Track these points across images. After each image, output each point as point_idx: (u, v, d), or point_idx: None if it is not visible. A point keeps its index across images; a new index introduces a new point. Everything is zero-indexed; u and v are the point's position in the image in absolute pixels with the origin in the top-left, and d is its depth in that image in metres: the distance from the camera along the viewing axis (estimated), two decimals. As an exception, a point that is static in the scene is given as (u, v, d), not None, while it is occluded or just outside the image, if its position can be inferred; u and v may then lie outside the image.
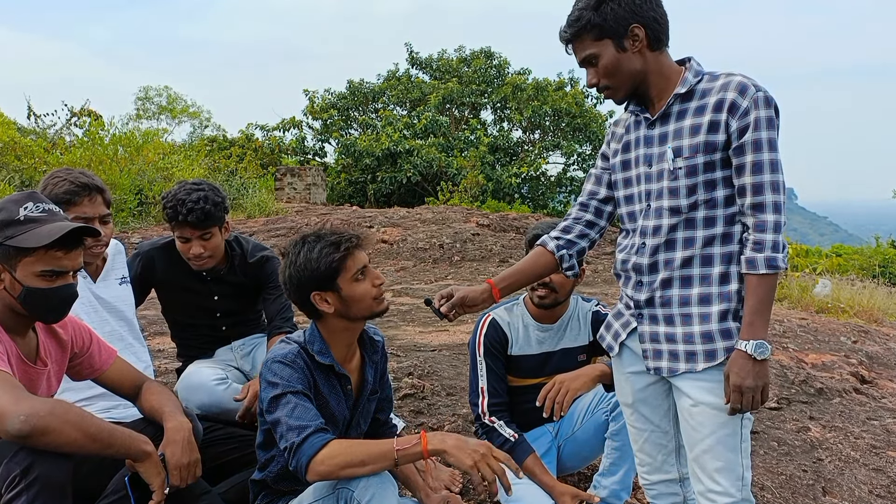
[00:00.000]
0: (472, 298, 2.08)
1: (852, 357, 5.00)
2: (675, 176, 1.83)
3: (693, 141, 1.81)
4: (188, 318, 2.96)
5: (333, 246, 1.99)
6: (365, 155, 19.42)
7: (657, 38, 1.83)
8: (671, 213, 1.86)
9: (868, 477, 3.23)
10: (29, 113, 14.78)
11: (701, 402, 1.84)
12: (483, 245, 10.12)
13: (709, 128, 1.78)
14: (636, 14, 1.79)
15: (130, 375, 2.17)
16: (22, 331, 1.89)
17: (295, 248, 2.03)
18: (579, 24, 1.82)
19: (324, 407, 2.03)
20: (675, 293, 1.88)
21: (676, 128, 1.85)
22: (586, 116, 21.50)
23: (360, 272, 2.02)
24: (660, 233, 1.88)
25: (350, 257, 2.00)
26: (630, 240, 1.98)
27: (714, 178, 1.81)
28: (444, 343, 4.83)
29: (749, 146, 1.74)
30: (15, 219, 1.79)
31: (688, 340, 1.86)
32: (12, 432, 1.60)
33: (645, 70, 1.84)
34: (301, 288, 2.01)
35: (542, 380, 2.64)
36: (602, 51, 1.82)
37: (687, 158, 1.81)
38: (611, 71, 1.84)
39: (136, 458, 1.84)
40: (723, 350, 1.82)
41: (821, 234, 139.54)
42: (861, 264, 14.79)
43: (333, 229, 2.05)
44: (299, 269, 1.99)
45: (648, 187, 1.91)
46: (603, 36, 1.81)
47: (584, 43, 1.85)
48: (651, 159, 1.90)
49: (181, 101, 31.80)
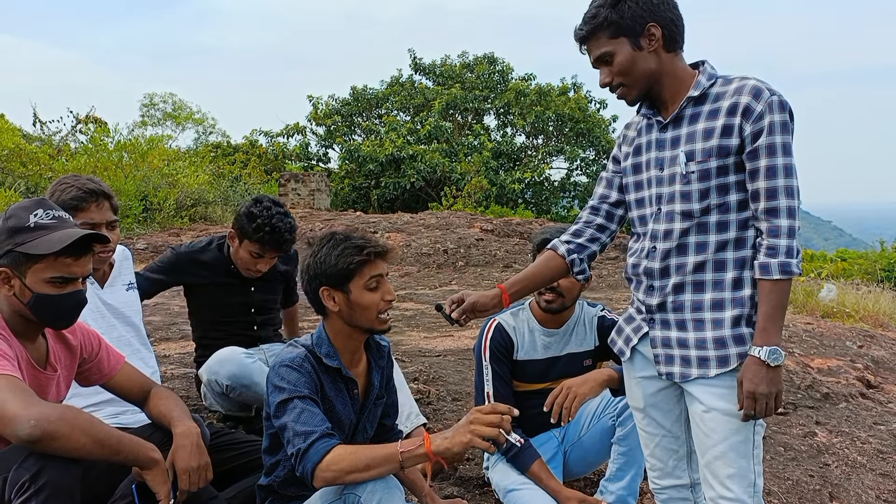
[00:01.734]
0: (483, 304, 2.09)
1: (858, 362, 4.98)
2: (688, 180, 1.82)
3: (706, 145, 1.80)
4: (224, 315, 3.11)
5: (357, 249, 2.00)
6: (369, 160, 19.46)
7: (673, 39, 1.83)
8: (683, 217, 1.85)
9: (875, 482, 3.22)
10: (34, 120, 14.88)
11: (713, 408, 1.83)
12: (487, 250, 10.13)
13: (722, 132, 1.77)
14: (654, 13, 1.79)
15: (138, 381, 2.18)
16: (32, 336, 1.90)
17: (322, 240, 2.06)
18: (596, 20, 1.82)
19: (330, 411, 2.03)
20: (687, 298, 1.87)
21: (689, 131, 1.84)
22: (590, 121, 21.52)
23: (375, 281, 2.02)
24: (671, 237, 1.87)
25: (369, 264, 2.01)
26: (641, 244, 1.97)
27: (727, 182, 1.80)
28: (449, 348, 4.84)
29: (763, 150, 1.73)
30: (25, 225, 1.80)
31: (700, 346, 1.85)
32: (22, 436, 1.61)
33: (659, 71, 1.84)
34: (314, 279, 2.03)
35: (547, 385, 2.63)
36: (618, 48, 1.82)
37: (699, 162, 1.80)
38: (625, 69, 1.83)
39: (144, 465, 1.84)
40: (735, 356, 1.81)
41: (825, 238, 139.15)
42: (866, 269, 14.74)
43: (364, 234, 2.08)
44: (318, 261, 2.02)
45: (660, 191, 1.90)
46: (619, 34, 1.81)
47: (599, 40, 1.84)
48: (663, 163, 1.89)
49: (186, 107, 31.94)
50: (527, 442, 2.54)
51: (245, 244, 2.95)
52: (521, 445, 2.52)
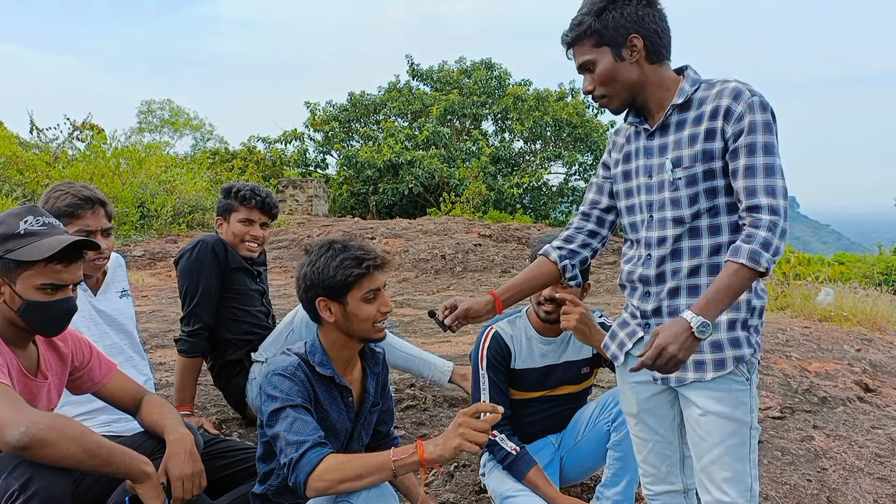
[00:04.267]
0: (475, 310, 2.07)
1: (856, 365, 4.97)
2: (676, 186, 1.83)
3: (691, 151, 1.80)
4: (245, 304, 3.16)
5: (355, 261, 1.98)
6: (367, 166, 19.46)
7: (656, 51, 1.82)
8: (674, 224, 1.85)
9: (873, 486, 3.21)
10: (31, 127, 14.85)
11: (709, 412, 1.83)
12: (485, 256, 10.12)
13: (706, 136, 1.78)
14: (637, 25, 1.79)
15: (131, 389, 2.16)
16: (22, 344, 1.89)
17: (320, 249, 2.04)
18: (580, 28, 1.83)
19: (325, 419, 2.02)
20: (682, 302, 1.86)
21: (676, 138, 1.84)
22: (587, 126, 21.54)
23: (372, 294, 2.02)
24: (665, 243, 1.87)
25: (368, 277, 2.00)
26: (636, 251, 1.97)
27: (715, 186, 1.80)
28: (446, 354, 4.82)
29: (742, 150, 1.72)
30: (15, 232, 1.80)
31: (697, 349, 1.83)
32: (11, 443, 1.60)
33: (642, 82, 1.84)
34: (310, 289, 2.02)
35: (544, 393, 2.63)
36: (599, 58, 1.83)
37: (686, 168, 1.81)
38: (606, 79, 1.84)
39: (136, 478, 1.82)
40: (732, 359, 1.80)
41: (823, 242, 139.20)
42: (864, 272, 14.75)
43: (362, 244, 2.05)
44: (315, 271, 2.00)
45: (650, 198, 1.90)
46: (602, 43, 1.81)
47: (583, 48, 1.85)
48: (651, 170, 1.89)
49: (183, 113, 31.94)
50: (523, 449, 2.53)
51: (232, 217, 3.11)
52: (518, 453, 2.51)
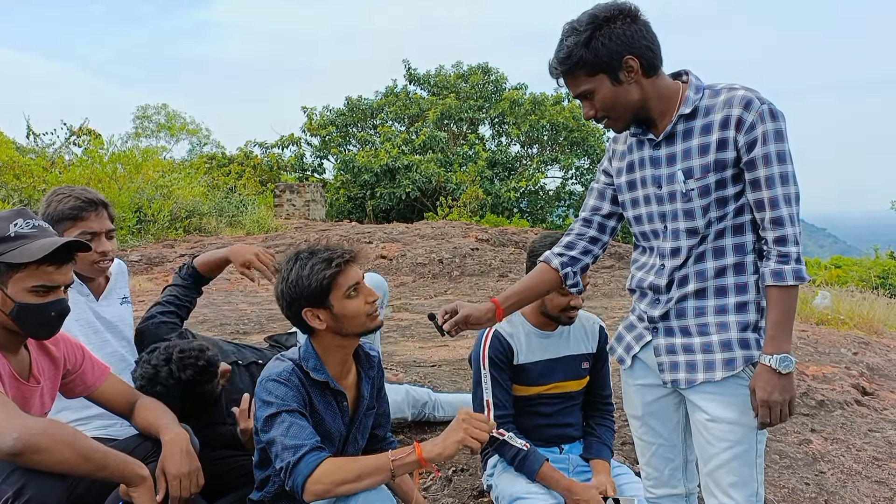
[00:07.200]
0: (475, 317, 2.05)
1: (853, 369, 4.97)
2: (689, 198, 1.81)
3: (703, 161, 1.78)
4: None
5: (325, 263, 1.95)
6: (364, 171, 19.47)
7: (652, 66, 1.79)
8: (689, 235, 1.83)
9: (871, 489, 3.20)
10: (28, 132, 14.84)
11: (717, 417, 1.82)
12: (482, 260, 10.12)
13: (718, 146, 1.76)
14: (628, 45, 1.74)
15: (124, 393, 2.15)
16: (14, 348, 1.88)
17: (288, 264, 2.01)
18: (570, 61, 1.77)
19: (319, 424, 2.01)
20: (690, 305, 1.85)
21: (684, 148, 1.82)
22: (584, 130, 21.60)
23: (353, 289, 1.99)
24: (679, 254, 1.86)
25: (342, 274, 1.97)
26: (649, 259, 1.95)
27: (726, 195, 1.79)
28: (444, 358, 4.81)
29: (759, 161, 1.72)
30: (5, 235, 1.79)
31: (706, 350, 1.83)
32: (4, 450, 1.58)
33: (644, 98, 1.80)
34: (293, 303, 1.99)
35: (546, 388, 2.62)
36: (597, 86, 1.78)
37: (698, 179, 1.79)
38: (608, 105, 1.80)
39: (131, 482, 1.81)
40: (742, 359, 1.80)
41: (820, 245, 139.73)
42: (860, 276, 14.79)
43: (327, 245, 2.02)
44: (291, 286, 1.97)
45: (662, 209, 1.88)
46: (597, 71, 1.77)
47: (577, 79, 1.80)
48: (660, 180, 1.87)
49: (180, 118, 31.98)
50: (532, 446, 2.51)
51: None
52: (527, 450, 2.48)
